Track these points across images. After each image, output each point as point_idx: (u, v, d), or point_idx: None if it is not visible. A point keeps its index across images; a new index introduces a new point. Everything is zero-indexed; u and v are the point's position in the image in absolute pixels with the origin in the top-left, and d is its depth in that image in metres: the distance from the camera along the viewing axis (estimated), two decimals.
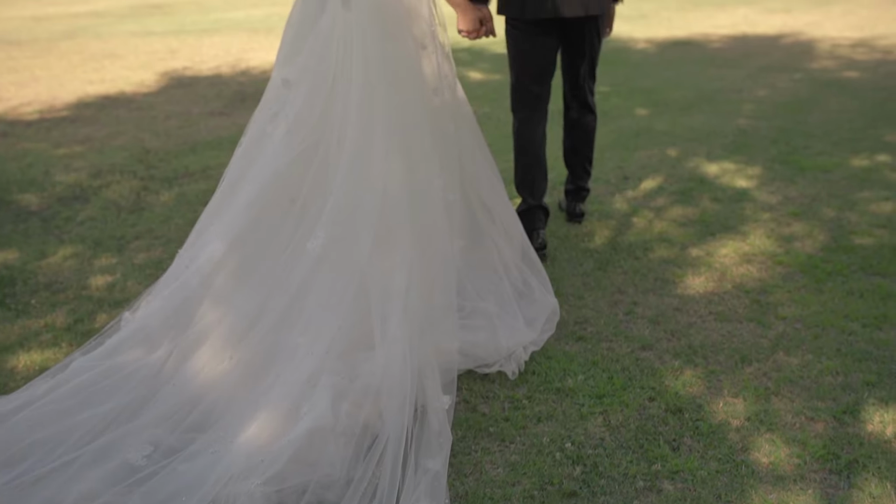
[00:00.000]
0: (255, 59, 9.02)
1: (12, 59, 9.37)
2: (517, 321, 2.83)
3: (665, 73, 7.83)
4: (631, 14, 13.04)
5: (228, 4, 16.58)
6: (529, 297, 2.98)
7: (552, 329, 2.91)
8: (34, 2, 18.43)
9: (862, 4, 14.44)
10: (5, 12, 15.66)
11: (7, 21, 13.89)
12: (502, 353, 2.70)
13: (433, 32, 2.80)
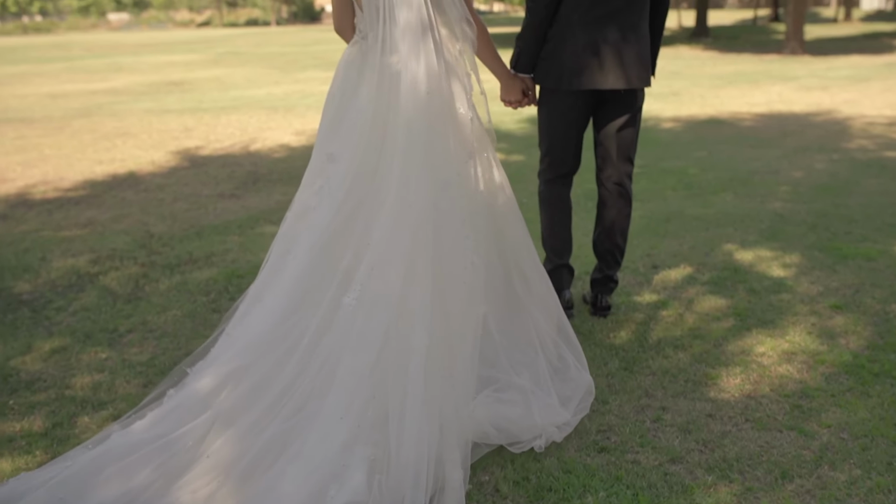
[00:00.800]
0: (270, 138, 9.09)
1: (22, 137, 9.52)
2: (551, 399, 2.86)
3: (697, 153, 7.77)
4: (662, 91, 13.11)
5: (249, 82, 16.91)
6: (564, 373, 3.02)
7: (586, 409, 2.91)
8: (52, 79, 18.94)
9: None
10: (22, 89, 16.07)
11: (22, 98, 14.23)
12: (536, 430, 2.73)
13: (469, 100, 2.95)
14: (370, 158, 2.85)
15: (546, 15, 3.45)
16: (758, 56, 22.09)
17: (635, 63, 3.46)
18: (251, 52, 30.16)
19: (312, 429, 2.48)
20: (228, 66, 22.67)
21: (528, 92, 3.57)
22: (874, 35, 33.45)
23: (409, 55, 2.88)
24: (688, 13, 53.36)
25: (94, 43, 44.56)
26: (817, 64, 18.91)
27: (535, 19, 3.47)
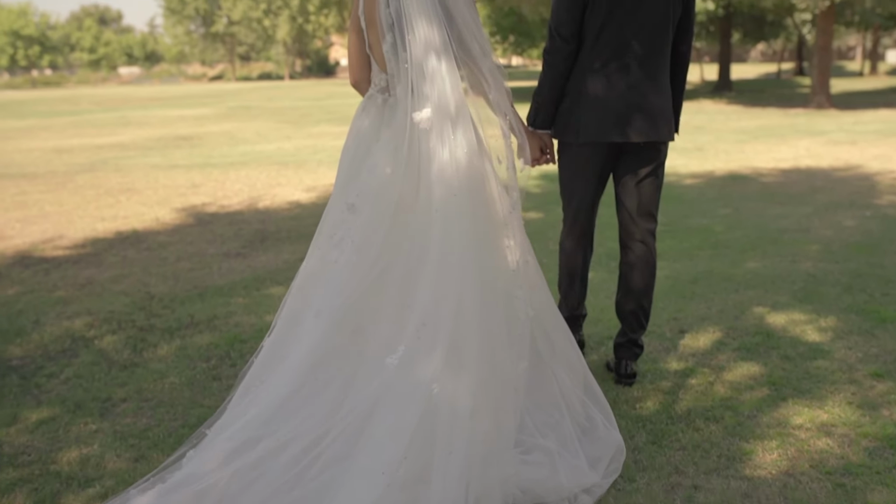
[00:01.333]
0: (280, 195, 9.07)
1: (24, 193, 9.54)
2: (579, 461, 2.86)
3: (723, 210, 7.67)
4: (686, 146, 13.07)
5: (260, 137, 17.02)
6: (592, 433, 3.02)
7: (618, 470, 2.88)
8: (59, 133, 19.14)
9: None
10: (27, 144, 16.22)
11: (27, 153, 14.33)
12: (563, 493, 2.73)
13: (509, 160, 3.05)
14: (398, 212, 2.89)
15: (565, 68, 3.47)
16: (783, 110, 22.11)
17: (656, 115, 3.45)
18: (263, 106, 30.49)
19: (341, 487, 2.51)
20: (239, 120, 22.88)
21: (547, 149, 3.58)
22: None
23: (438, 110, 2.93)
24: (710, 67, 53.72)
25: (103, 97, 45.24)
26: (845, 118, 18.88)
27: (554, 73, 3.48)
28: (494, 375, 2.75)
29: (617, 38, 3.40)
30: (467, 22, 3.03)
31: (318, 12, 67.60)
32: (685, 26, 3.55)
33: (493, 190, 3.01)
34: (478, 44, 3.06)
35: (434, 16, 2.99)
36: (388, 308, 2.84)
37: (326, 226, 3.06)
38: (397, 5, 3.02)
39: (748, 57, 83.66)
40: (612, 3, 3.38)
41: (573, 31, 3.42)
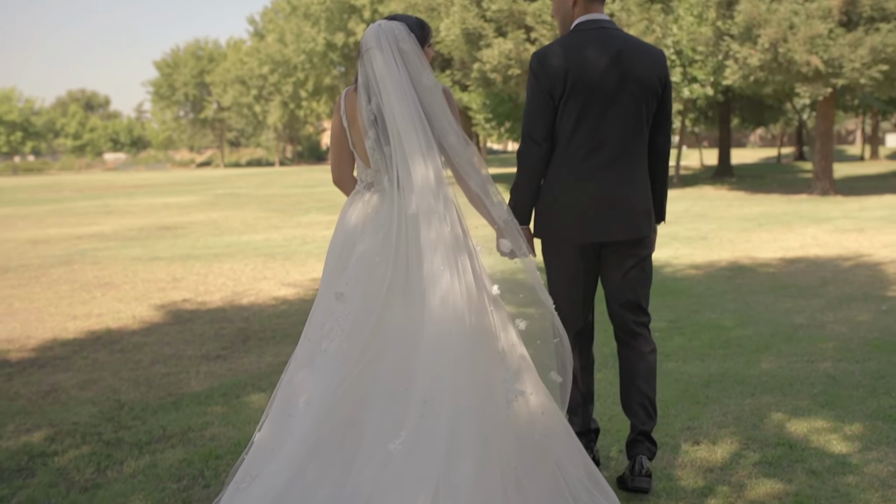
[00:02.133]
0: (265, 290, 8.89)
1: None
2: None
3: (733, 304, 7.50)
4: (689, 235, 12.99)
5: (247, 226, 16.95)
6: None
7: None
8: (37, 222, 19.07)
9: None
10: (2, 234, 16.09)
11: (1, 244, 14.18)
12: None
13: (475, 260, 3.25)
14: (388, 299, 3.05)
15: (538, 170, 3.57)
16: (786, 196, 22.20)
17: (634, 212, 3.55)
18: (251, 193, 30.59)
19: None
20: (226, 208, 22.88)
21: (532, 234, 3.68)
22: None
23: (423, 198, 3.13)
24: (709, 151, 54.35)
25: (86, 184, 45.44)
26: (849, 204, 18.93)
27: (528, 174, 3.59)
28: (492, 458, 2.86)
29: (591, 138, 3.49)
30: (443, 115, 3.25)
31: (310, 98, 68.58)
32: (661, 120, 3.64)
33: (480, 274, 3.20)
34: (455, 135, 3.26)
35: (413, 109, 3.20)
36: (381, 394, 2.95)
37: (316, 316, 3.17)
38: (378, 101, 3.25)
39: (747, 141, 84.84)
40: (583, 106, 3.46)
41: (545, 133, 3.52)
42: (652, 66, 3.56)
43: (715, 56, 23.20)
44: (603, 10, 3.66)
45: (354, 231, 3.30)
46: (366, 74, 3.30)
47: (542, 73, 3.49)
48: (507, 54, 22.92)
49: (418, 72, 3.27)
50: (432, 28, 3.65)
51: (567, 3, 3.61)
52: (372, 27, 3.35)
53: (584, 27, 3.55)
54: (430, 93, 3.27)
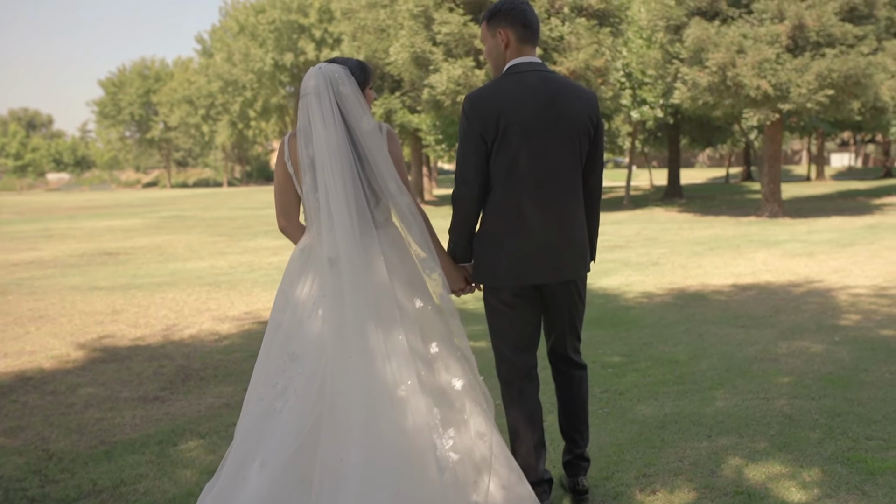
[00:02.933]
0: (208, 322, 8.64)
1: None
2: None
3: (686, 336, 7.43)
4: (641, 261, 12.97)
5: (192, 252, 16.62)
6: None
7: None
8: None
9: (886, 245, 14.52)
10: None
11: None
12: None
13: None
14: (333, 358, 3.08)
15: (473, 212, 3.60)
16: (736, 218, 22.41)
17: (571, 252, 3.60)
18: (198, 215, 30.15)
19: None
20: (172, 232, 22.48)
21: (472, 279, 3.72)
22: (850, 194, 34.47)
23: (349, 249, 3.18)
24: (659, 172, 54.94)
25: (27, 205, 44.53)
26: (798, 226, 19.14)
27: (463, 217, 3.62)
28: None
29: (526, 179, 3.50)
30: (382, 161, 3.29)
31: (258, 118, 68.13)
32: (593, 160, 3.69)
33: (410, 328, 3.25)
34: (394, 181, 3.31)
35: (346, 159, 3.23)
36: (322, 463, 2.96)
37: (266, 372, 3.19)
38: (313, 148, 3.26)
39: (695, 161, 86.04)
40: (517, 149, 3.47)
41: (477, 175, 3.53)
42: (584, 108, 3.60)
43: (664, 79, 23.42)
44: (535, 52, 3.69)
45: (302, 283, 3.31)
46: (302, 121, 3.32)
47: (475, 116, 3.49)
48: (455, 80, 22.89)
49: (357, 116, 3.27)
50: (383, 49, 3.70)
51: (499, 46, 3.64)
52: (311, 71, 3.36)
53: (517, 69, 3.58)
54: (369, 138, 3.28)
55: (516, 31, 3.60)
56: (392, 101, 30.36)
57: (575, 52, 23.27)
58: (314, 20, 56.91)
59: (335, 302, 3.19)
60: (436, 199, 38.55)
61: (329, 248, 3.22)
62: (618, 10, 25.80)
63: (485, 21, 3.71)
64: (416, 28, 24.70)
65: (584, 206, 3.71)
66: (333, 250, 3.21)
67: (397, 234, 3.46)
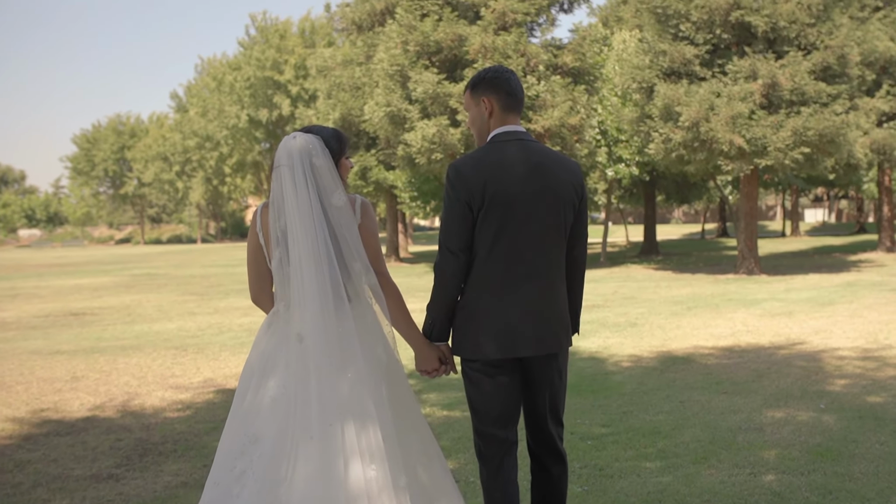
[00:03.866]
0: (171, 391, 8.31)
1: None
2: None
3: (668, 403, 7.20)
4: (619, 321, 12.77)
5: (161, 312, 16.30)
6: None
7: None
8: None
9: (866, 304, 14.42)
10: None
11: None
12: None
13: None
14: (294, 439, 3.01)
15: (456, 283, 3.50)
16: (713, 276, 22.33)
17: (553, 326, 3.54)
18: (170, 273, 29.78)
19: None
20: (141, 290, 22.11)
21: (445, 359, 3.61)
22: (825, 250, 34.64)
23: (318, 327, 3.11)
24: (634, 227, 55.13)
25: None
26: (776, 284, 19.07)
27: (445, 288, 3.51)
28: None
29: (510, 250, 3.45)
30: (352, 239, 3.25)
31: (233, 174, 68.04)
32: (577, 231, 3.66)
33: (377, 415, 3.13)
34: (360, 262, 3.27)
35: (319, 232, 3.17)
36: None
37: (225, 454, 3.12)
38: (284, 221, 3.20)
39: (671, 217, 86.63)
40: (502, 219, 3.43)
41: (462, 245, 3.46)
42: (569, 179, 3.57)
43: (639, 136, 23.50)
44: (519, 121, 3.62)
45: (270, 357, 3.23)
46: (274, 192, 3.26)
47: (460, 185, 3.45)
48: (430, 138, 22.85)
49: (329, 190, 3.22)
50: (358, 107, 3.66)
51: (483, 115, 3.61)
52: (285, 140, 3.29)
53: (500, 139, 3.55)
54: (340, 213, 3.23)
55: (500, 99, 3.58)
56: (368, 158, 30.30)
57: (550, 109, 23.31)
58: (290, 77, 57.16)
59: (301, 382, 3.09)
60: (412, 256, 38.38)
61: (298, 324, 3.14)
62: (592, 68, 25.96)
63: (468, 89, 3.68)
64: (392, 86, 24.71)
65: (567, 277, 3.67)
66: (302, 326, 3.13)
67: (370, 311, 3.37)
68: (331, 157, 3.30)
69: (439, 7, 24.63)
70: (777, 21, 20.52)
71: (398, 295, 3.48)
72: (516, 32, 23.73)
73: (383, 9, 29.34)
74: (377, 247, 3.43)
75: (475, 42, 23.27)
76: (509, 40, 23.25)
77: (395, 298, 3.45)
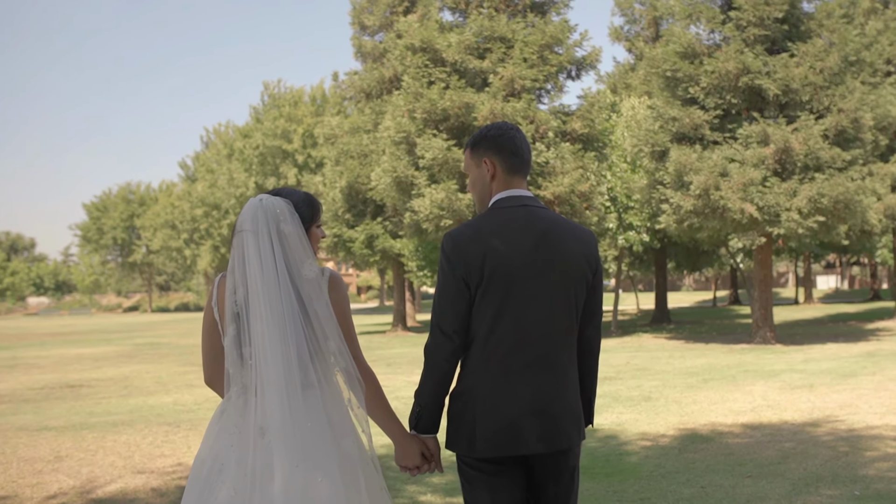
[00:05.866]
0: (154, 477, 7.82)
1: None
2: None
3: (688, 489, 6.67)
4: (632, 395, 12.25)
5: (159, 384, 15.86)
6: None
7: None
8: None
9: (890, 376, 13.88)
10: None
11: None
12: None
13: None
14: None
15: (449, 369, 3.08)
16: (727, 346, 21.78)
17: (563, 419, 3.08)
18: (173, 343, 29.36)
19: None
20: (142, 361, 21.68)
21: (430, 455, 3.17)
22: (841, 318, 34.05)
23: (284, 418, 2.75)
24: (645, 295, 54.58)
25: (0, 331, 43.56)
26: (793, 355, 18.51)
27: (436, 374, 3.08)
28: None
29: (514, 331, 3.03)
30: (324, 315, 2.90)
31: None
32: (591, 309, 3.22)
33: None
34: (333, 342, 2.91)
35: (286, 307, 2.82)
36: None
37: None
38: (244, 294, 2.84)
39: (682, 284, 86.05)
40: (503, 297, 3.02)
41: (457, 326, 3.04)
42: (581, 250, 3.15)
43: (650, 203, 23.18)
44: (525, 184, 3.18)
45: (216, 458, 2.87)
46: (234, 261, 2.91)
47: (457, 258, 3.03)
48: (438, 204, 22.58)
49: (299, 260, 2.89)
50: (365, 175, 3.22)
51: (484, 177, 3.20)
52: (251, 203, 2.90)
53: (503, 204, 3.14)
54: (310, 286, 2.89)
55: (504, 160, 3.18)
56: (374, 226, 30.05)
57: (560, 176, 23.06)
58: (297, 146, 57.38)
59: (260, 483, 2.72)
60: (419, 325, 37.86)
61: (259, 414, 2.79)
62: (601, 134, 25.78)
63: (468, 148, 3.29)
64: (398, 153, 24.55)
65: (579, 362, 3.22)
66: (264, 418, 2.77)
67: (340, 399, 2.96)
68: (301, 224, 2.92)
69: (446, 75, 24.56)
70: (790, 84, 20.30)
71: (375, 382, 3.08)
72: (525, 99, 23.61)
73: (391, 76, 29.40)
74: (350, 327, 3.03)
75: (483, 109, 23.13)
76: (518, 107, 23.10)
77: (373, 386, 3.06)
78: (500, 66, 24.18)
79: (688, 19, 22.32)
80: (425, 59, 24.83)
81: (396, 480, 6.92)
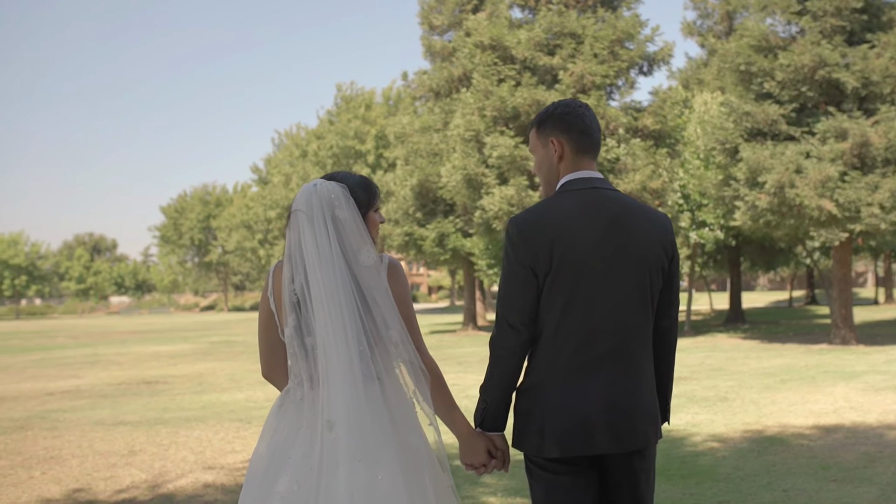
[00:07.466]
0: (225, 471, 7.79)
1: None
2: None
3: (769, 493, 6.37)
4: (707, 395, 11.89)
5: (232, 382, 15.97)
6: None
7: None
8: (15, 374, 18.18)
9: None
10: None
11: None
12: None
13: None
14: None
15: (516, 364, 2.90)
16: (805, 346, 21.14)
17: (638, 417, 2.88)
18: (247, 341, 29.66)
19: None
20: (217, 359, 21.91)
21: (497, 452, 2.99)
22: None
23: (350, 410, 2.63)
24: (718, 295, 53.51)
25: (83, 329, 44.71)
26: (874, 355, 17.85)
27: (503, 369, 2.91)
28: None
29: (584, 324, 2.83)
30: (385, 303, 2.75)
31: None
32: (667, 299, 3.02)
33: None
34: (396, 333, 2.76)
35: (345, 295, 2.67)
36: None
37: None
38: (302, 281, 2.71)
39: (756, 284, 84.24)
40: (573, 286, 2.82)
41: (525, 318, 2.85)
42: (657, 235, 2.94)
43: (723, 200, 22.62)
44: (594, 165, 2.97)
45: (282, 445, 2.76)
46: (290, 245, 2.76)
47: (523, 245, 2.83)
48: (508, 200, 22.37)
49: (356, 247, 2.73)
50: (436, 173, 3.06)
51: (551, 158, 2.99)
52: (305, 188, 2.76)
53: (572, 187, 2.93)
54: (369, 274, 2.74)
55: (572, 139, 2.96)
56: (445, 224, 29.94)
57: (631, 173, 22.67)
58: (370, 147, 57.65)
59: (327, 476, 2.60)
60: (490, 324, 37.65)
61: (326, 407, 2.66)
62: (673, 130, 25.28)
63: (534, 127, 3.07)
64: (468, 151, 24.40)
65: (655, 357, 3.00)
66: (332, 411, 2.64)
67: (402, 392, 2.82)
68: (357, 209, 2.76)
69: (517, 72, 24.33)
70: (869, 76, 19.58)
71: (439, 374, 2.92)
72: (595, 95, 23.26)
73: (460, 75, 29.26)
74: (412, 316, 2.86)
75: None
76: (588, 103, 22.75)
77: (437, 379, 2.89)
78: (570, 63, 23.87)
79: (763, 11, 21.70)
80: (494, 56, 24.65)
81: (463, 480, 6.76)
